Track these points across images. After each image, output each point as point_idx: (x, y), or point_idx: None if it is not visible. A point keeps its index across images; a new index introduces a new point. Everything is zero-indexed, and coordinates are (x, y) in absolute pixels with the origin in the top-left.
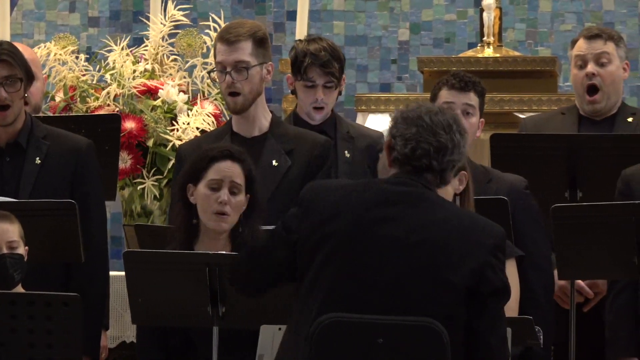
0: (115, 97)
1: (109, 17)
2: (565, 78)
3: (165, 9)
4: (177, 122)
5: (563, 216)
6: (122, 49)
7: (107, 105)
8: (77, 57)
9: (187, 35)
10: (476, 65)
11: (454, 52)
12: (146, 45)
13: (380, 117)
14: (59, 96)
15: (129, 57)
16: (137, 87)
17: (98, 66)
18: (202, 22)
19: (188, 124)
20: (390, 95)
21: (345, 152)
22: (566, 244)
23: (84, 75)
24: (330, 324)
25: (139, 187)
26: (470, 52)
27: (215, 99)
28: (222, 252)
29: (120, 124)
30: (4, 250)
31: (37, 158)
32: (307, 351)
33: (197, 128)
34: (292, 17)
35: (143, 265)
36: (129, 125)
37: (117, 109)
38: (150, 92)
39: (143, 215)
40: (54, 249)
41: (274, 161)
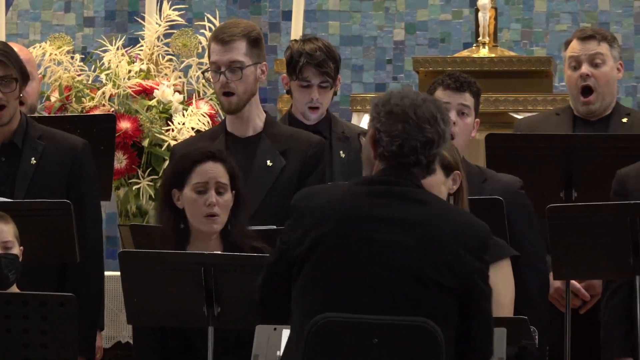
0: (111, 97)
1: (105, 17)
2: (561, 78)
3: (160, 9)
4: (172, 122)
5: (558, 216)
6: (117, 49)
7: (103, 105)
8: (72, 57)
9: (182, 35)
10: (471, 66)
11: (449, 52)
12: (141, 46)
13: None
14: (54, 96)
15: (125, 57)
16: (132, 87)
17: (93, 66)
18: (197, 22)
19: (183, 124)
20: None
21: (341, 152)
22: (561, 244)
23: (79, 75)
24: (326, 323)
25: (134, 187)
26: (465, 52)
27: (211, 99)
28: (217, 252)
29: (116, 124)
30: None
31: (33, 158)
32: (303, 351)
33: (193, 128)
34: (287, 17)
35: (138, 266)
36: (125, 125)
37: (113, 109)
38: (145, 92)
39: (138, 215)
40: (50, 249)
41: (268, 161)
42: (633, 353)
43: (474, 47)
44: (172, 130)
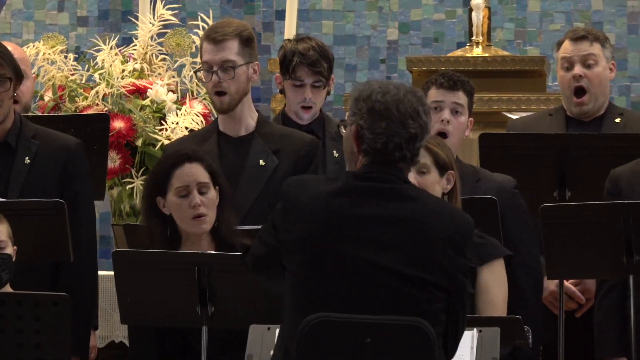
0: (104, 97)
1: (98, 17)
2: (554, 78)
3: (154, 9)
4: (165, 122)
5: (552, 216)
6: (110, 48)
7: (96, 104)
8: (65, 57)
9: (175, 34)
10: (465, 65)
11: (442, 52)
12: (135, 45)
13: None
14: (47, 96)
15: (118, 57)
16: (125, 87)
17: (87, 66)
18: (190, 22)
19: (177, 123)
20: None
21: (334, 151)
22: (555, 244)
23: (72, 74)
24: (318, 323)
25: (128, 187)
26: (459, 52)
27: (204, 99)
28: (211, 251)
29: (109, 123)
30: None
31: (27, 158)
32: (296, 350)
33: (186, 127)
34: (280, 16)
35: (132, 265)
36: (118, 124)
37: (106, 108)
38: (139, 92)
39: (132, 215)
40: (43, 249)
41: (260, 161)
42: (626, 353)
43: (467, 47)
44: (166, 129)
